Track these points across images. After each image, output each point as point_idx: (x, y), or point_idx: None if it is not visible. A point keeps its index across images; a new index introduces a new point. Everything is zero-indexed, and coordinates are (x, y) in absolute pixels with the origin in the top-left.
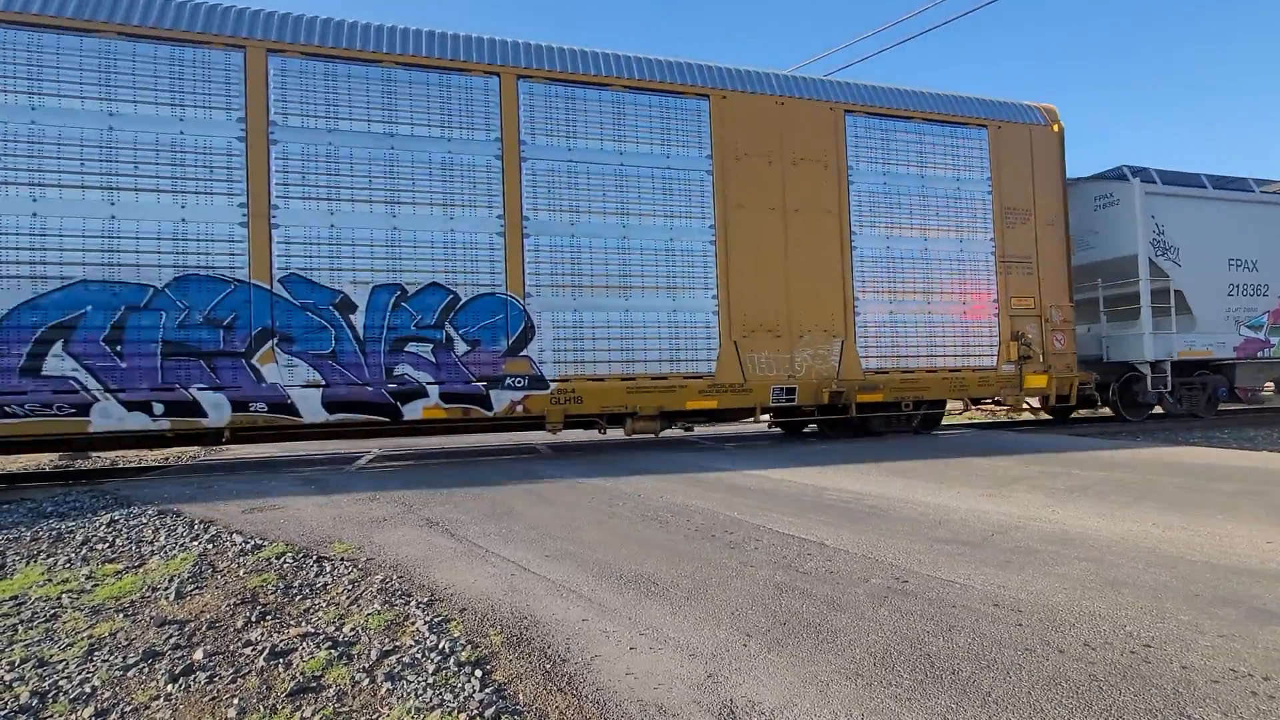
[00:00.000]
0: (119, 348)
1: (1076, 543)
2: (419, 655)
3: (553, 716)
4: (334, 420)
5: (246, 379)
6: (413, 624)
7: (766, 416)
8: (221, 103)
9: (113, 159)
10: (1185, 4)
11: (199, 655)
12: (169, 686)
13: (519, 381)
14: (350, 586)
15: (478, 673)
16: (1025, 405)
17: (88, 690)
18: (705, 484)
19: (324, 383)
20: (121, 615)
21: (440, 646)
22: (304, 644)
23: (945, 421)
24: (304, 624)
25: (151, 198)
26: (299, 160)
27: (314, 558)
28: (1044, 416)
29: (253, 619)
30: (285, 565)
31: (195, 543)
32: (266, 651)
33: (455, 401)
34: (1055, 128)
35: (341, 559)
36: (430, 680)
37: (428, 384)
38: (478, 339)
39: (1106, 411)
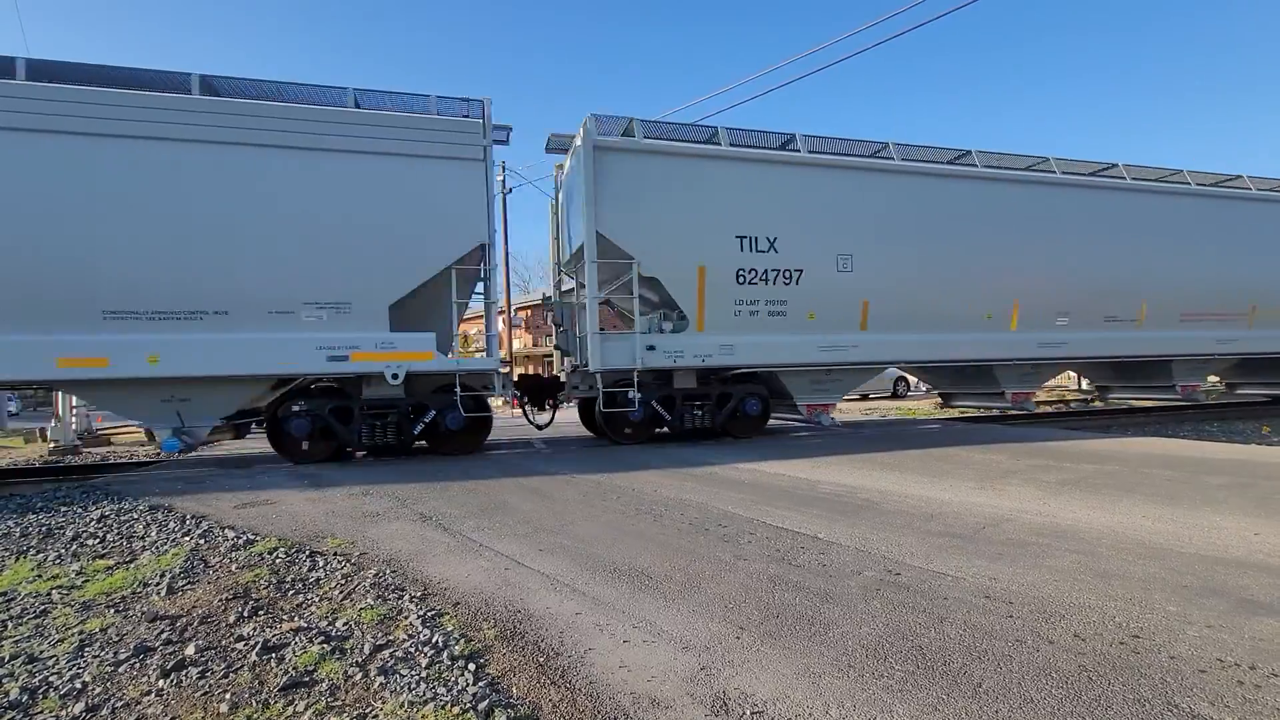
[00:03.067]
0: None
1: (1067, 535)
2: (412, 649)
3: (546, 710)
4: None
5: None
6: (406, 618)
7: None
8: None
9: None
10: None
11: (191, 650)
12: (161, 682)
13: None
14: (343, 581)
15: (471, 666)
16: None
17: (78, 686)
18: (699, 478)
19: None
20: (112, 611)
21: (434, 640)
22: (297, 639)
23: (940, 415)
24: (297, 619)
25: None
26: None
27: (307, 552)
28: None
29: (245, 614)
30: (278, 560)
31: (187, 538)
32: (259, 646)
33: None
34: None
35: (334, 554)
36: (424, 674)
37: None
38: None
39: None
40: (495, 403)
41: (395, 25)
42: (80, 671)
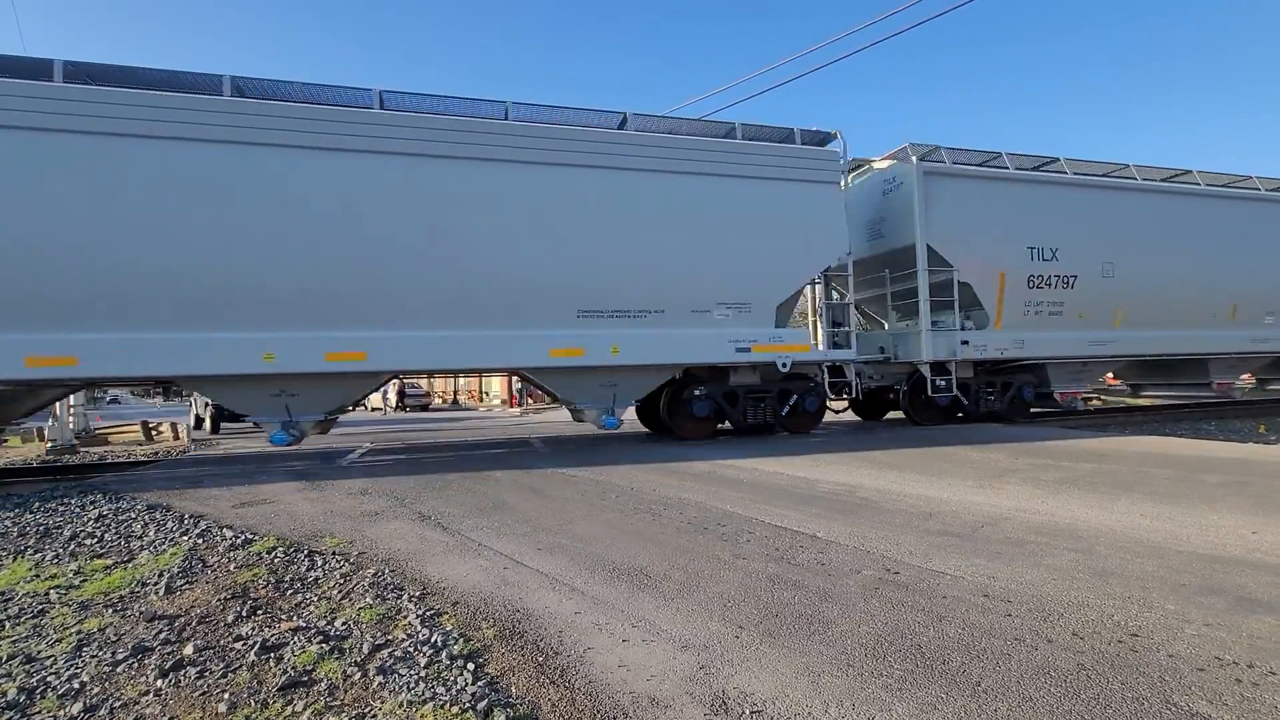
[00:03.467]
0: None
1: (1066, 534)
2: (411, 649)
3: (545, 709)
4: None
5: None
6: (405, 618)
7: None
8: None
9: None
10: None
11: (189, 650)
12: (159, 682)
13: None
14: (342, 580)
15: (470, 666)
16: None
17: (76, 686)
18: (698, 476)
19: None
20: (110, 611)
21: (433, 640)
22: (295, 638)
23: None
24: (295, 618)
25: None
26: None
27: (305, 552)
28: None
29: (243, 613)
30: (276, 559)
31: (185, 537)
32: (257, 646)
33: None
34: None
35: (333, 553)
36: (422, 674)
37: None
38: None
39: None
40: (493, 401)
41: (395, 21)
42: (78, 671)
